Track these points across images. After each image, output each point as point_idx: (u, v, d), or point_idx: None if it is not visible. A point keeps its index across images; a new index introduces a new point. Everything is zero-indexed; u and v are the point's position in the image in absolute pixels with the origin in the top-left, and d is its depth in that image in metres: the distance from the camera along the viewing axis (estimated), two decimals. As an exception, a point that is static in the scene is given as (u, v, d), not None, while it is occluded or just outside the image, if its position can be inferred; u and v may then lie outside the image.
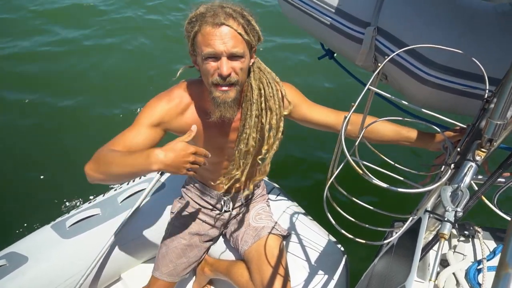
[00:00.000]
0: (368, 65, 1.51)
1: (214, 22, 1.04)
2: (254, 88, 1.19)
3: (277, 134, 1.25)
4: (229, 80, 1.09)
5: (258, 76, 1.21)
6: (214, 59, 1.07)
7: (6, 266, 1.49)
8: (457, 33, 1.21)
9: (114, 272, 1.72)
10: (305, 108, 1.33)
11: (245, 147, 1.26)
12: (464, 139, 0.93)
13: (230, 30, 1.05)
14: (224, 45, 1.05)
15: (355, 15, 1.41)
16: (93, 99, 3.43)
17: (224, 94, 1.11)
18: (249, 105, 1.21)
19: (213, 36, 1.04)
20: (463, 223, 1.20)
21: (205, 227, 1.57)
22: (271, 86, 1.22)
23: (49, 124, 3.16)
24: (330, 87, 3.73)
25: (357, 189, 1.07)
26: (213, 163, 1.38)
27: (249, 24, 1.10)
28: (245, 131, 1.23)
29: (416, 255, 0.65)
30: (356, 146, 1.06)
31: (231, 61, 1.07)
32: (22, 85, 3.52)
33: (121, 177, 1.09)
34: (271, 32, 4.31)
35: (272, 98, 1.22)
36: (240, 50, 1.07)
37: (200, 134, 1.27)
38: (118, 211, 1.72)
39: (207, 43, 1.05)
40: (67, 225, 1.65)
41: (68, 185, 2.67)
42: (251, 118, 1.21)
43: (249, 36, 1.09)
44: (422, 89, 1.30)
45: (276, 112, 1.23)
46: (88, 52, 4.00)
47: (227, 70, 1.06)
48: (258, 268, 1.39)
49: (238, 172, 1.31)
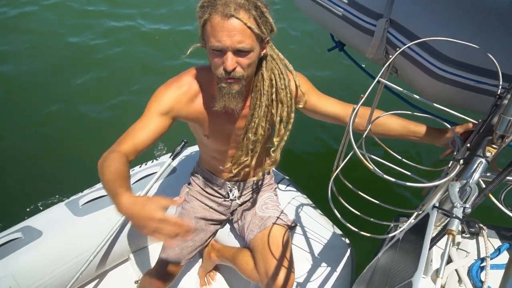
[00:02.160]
0: (378, 58, 1.44)
1: (223, 13, 0.96)
2: (265, 79, 1.13)
3: (288, 125, 1.21)
4: (234, 74, 1.04)
5: (271, 67, 1.15)
6: (220, 52, 1.01)
7: (21, 239, 1.50)
8: (471, 27, 1.14)
9: (123, 252, 1.71)
10: (314, 99, 1.28)
11: (253, 136, 1.22)
12: (474, 134, 0.87)
13: (239, 23, 0.97)
14: (230, 40, 0.98)
15: (367, 6, 1.34)
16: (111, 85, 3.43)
17: (228, 85, 1.07)
18: (259, 95, 1.16)
19: (220, 28, 0.97)
20: (468, 220, 1.15)
21: (211, 213, 1.55)
22: (283, 77, 1.16)
23: (67, 108, 3.16)
24: (339, 79, 3.64)
25: (363, 182, 1.02)
26: (220, 151, 1.34)
27: (262, 16, 1.02)
28: (253, 120, 1.19)
29: (423, 250, 0.61)
30: (363, 139, 1.01)
31: (237, 56, 1.01)
32: (52, 74, 3.53)
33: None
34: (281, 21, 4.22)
35: (284, 90, 1.16)
36: (246, 46, 1.00)
37: (208, 121, 1.23)
38: (129, 192, 1.71)
39: (214, 35, 0.99)
40: (80, 204, 1.65)
41: (83, 165, 2.67)
42: (260, 108, 1.17)
43: (260, 29, 1.02)
44: (433, 84, 1.24)
45: (287, 104, 1.18)
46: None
47: (231, 65, 1.01)
48: (263, 257, 1.37)
49: (248, 158, 1.28)
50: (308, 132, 3.00)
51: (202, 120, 1.23)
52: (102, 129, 2.96)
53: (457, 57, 1.15)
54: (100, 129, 2.95)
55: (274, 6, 1.07)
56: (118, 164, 1.01)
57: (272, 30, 1.07)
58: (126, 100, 3.28)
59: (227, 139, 1.29)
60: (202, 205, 1.54)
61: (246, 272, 1.43)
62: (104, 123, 3.02)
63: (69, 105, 3.17)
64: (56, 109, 3.13)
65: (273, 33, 1.08)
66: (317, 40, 4.14)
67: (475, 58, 1.13)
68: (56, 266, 1.50)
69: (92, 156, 2.91)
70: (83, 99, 3.24)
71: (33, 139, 2.86)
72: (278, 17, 1.07)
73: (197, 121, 1.24)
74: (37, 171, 2.64)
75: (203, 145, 1.40)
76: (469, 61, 1.14)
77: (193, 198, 1.54)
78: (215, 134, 1.28)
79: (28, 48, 3.77)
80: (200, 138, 1.35)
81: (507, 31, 1.12)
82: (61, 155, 2.75)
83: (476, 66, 1.14)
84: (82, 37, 4.00)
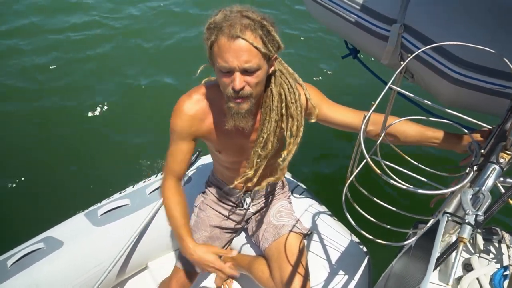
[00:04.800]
0: (393, 64, 1.47)
1: (230, 34, 1.01)
2: (274, 94, 1.17)
3: (296, 139, 1.24)
4: (242, 93, 1.08)
5: (280, 82, 1.19)
6: (228, 73, 1.06)
7: (43, 249, 1.59)
8: (487, 30, 1.16)
9: (141, 261, 1.78)
10: (325, 109, 1.30)
11: (261, 150, 1.26)
12: (489, 140, 0.89)
13: (246, 43, 1.01)
14: (237, 60, 1.02)
15: (381, 12, 1.38)
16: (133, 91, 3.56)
17: (237, 105, 1.11)
18: (268, 111, 1.19)
19: (227, 49, 1.02)
20: (489, 227, 1.16)
21: (226, 222, 1.60)
22: (293, 90, 1.19)
23: (86, 118, 3.31)
24: (353, 86, 3.66)
25: (380, 188, 1.05)
26: (232, 162, 1.40)
27: (268, 35, 1.06)
28: (262, 135, 1.23)
29: (432, 257, 0.63)
30: (378, 146, 1.04)
31: (244, 75, 1.06)
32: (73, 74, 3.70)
33: None
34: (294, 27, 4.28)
35: (294, 104, 1.19)
36: (253, 65, 1.04)
37: (220, 137, 1.29)
38: (146, 202, 1.78)
39: (221, 57, 1.04)
40: (98, 214, 1.73)
41: (101, 176, 2.80)
42: (269, 123, 1.20)
43: (267, 48, 1.05)
44: (449, 88, 1.26)
45: (297, 118, 1.21)
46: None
47: (240, 84, 1.05)
48: (278, 266, 1.40)
49: (251, 172, 1.31)
50: (322, 138, 3.02)
51: (214, 136, 1.29)
52: (120, 141, 3.07)
53: (473, 60, 1.17)
54: (118, 142, 3.07)
55: (283, 15, 1.12)
56: (180, 198, 1.34)
57: (279, 48, 1.10)
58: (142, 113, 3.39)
59: (239, 152, 1.34)
60: (217, 213, 1.59)
61: (262, 281, 1.46)
62: (122, 136, 3.13)
63: (90, 117, 3.32)
64: (75, 121, 3.27)
65: (281, 49, 1.12)
66: (331, 46, 4.17)
67: (491, 61, 1.14)
68: (77, 275, 1.58)
69: (109, 167, 3.04)
70: (103, 111, 3.37)
71: (52, 151, 3.01)
72: (289, 24, 1.11)
73: (209, 138, 1.31)
74: (56, 182, 2.77)
75: (216, 157, 1.46)
76: (485, 64, 1.16)
77: (207, 207, 1.60)
78: (227, 149, 1.34)
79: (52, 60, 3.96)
80: (213, 151, 1.41)
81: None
82: (80, 166, 2.88)
83: (494, 69, 1.15)
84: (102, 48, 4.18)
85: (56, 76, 3.73)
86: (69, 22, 4.53)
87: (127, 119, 3.31)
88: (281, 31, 1.11)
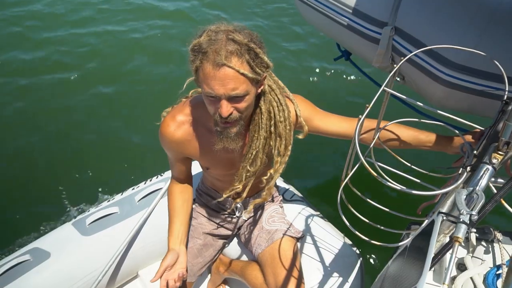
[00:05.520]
0: (385, 66, 1.51)
1: (215, 62, 0.97)
2: (263, 112, 1.16)
3: (284, 158, 1.24)
4: (230, 119, 1.07)
5: (269, 99, 1.17)
6: (214, 98, 1.04)
7: (30, 261, 1.56)
8: (476, 32, 1.20)
9: (131, 269, 1.77)
10: (317, 121, 1.31)
11: (250, 166, 1.25)
12: (481, 141, 0.92)
13: (232, 71, 0.98)
14: (223, 88, 1.00)
15: (372, 15, 1.41)
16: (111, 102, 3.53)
17: (226, 129, 1.11)
18: (257, 128, 1.18)
19: (212, 77, 0.99)
20: (482, 227, 1.19)
21: (219, 229, 1.61)
22: (283, 108, 1.18)
23: (73, 124, 3.26)
24: (345, 89, 3.71)
25: (373, 190, 1.08)
26: (223, 175, 1.41)
27: (256, 58, 1.02)
28: (251, 151, 1.23)
29: (428, 256, 0.65)
30: (372, 148, 1.07)
31: (232, 102, 1.04)
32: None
33: None
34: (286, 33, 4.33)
35: (282, 123, 1.19)
36: (241, 92, 1.01)
37: (207, 154, 1.28)
38: (135, 209, 1.77)
39: (207, 84, 1.01)
40: (87, 223, 1.71)
41: (88, 184, 2.77)
42: (258, 140, 1.20)
43: (255, 72, 1.02)
44: (440, 90, 1.29)
45: (285, 137, 1.21)
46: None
47: (226, 112, 1.03)
48: (272, 271, 1.41)
49: (240, 186, 1.31)
50: (313, 142, 3.05)
51: (202, 155, 1.30)
52: (106, 148, 3.04)
53: (464, 63, 1.21)
54: (104, 149, 3.04)
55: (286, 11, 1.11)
56: (177, 200, 1.43)
57: (267, 67, 1.07)
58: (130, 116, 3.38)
59: (228, 166, 1.34)
60: (209, 221, 1.60)
61: (256, 287, 1.47)
62: (108, 143, 3.10)
63: (74, 124, 3.27)
64: (60, 129, 3.23)
65: (270, 68, 1.09)
66: (323, 48, 4.23)
67: (481, 63, 1.18)
68: (65, 286, 1.56)
69: (96, 175, 3.01)
70: (87, 117, 3.34)
71: (36, 161, 2.96)
72: (282, 26, 1.11)
73: (196, 157, 1.32)
74: (42, 192, 2.73)
75: (205, 170, 1.47)
76: (475, 66, 1.20)
77: (199, 214, 1.61)
78: (216, 165, 1.35)
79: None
80: (201, 166, 1.43)
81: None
82: (66, 175, 2.84)
83: (483, 71, 1.19)
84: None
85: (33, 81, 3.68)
86: (74, 18, 4.60)
87: (113, 122, 3.29)
88: (273, 32, 1.10)
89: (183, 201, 1.43)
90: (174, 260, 1.31)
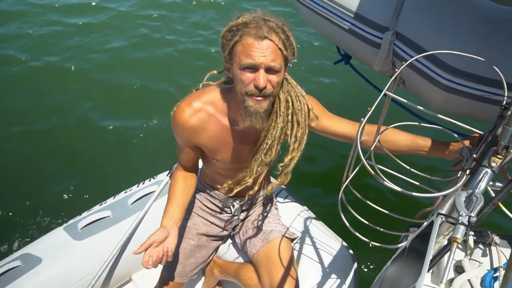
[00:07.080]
0: (385, 70, 1.56)
1: (257, 35, 1.09)
2: (281, 100, 1.25)
3: (300, 146, 1.31)
4: (265, 92, 1.14)
5: (287, 89, 1.27)
6: (251, 70, 1.12)
7: (21, 267, 1.57)
8: (477, 39, 1.25)
9: (125, 273, 1.79)
10: (325, 121, 1.39)
11: (264, 157, 1.31)
12: (480, 145, 0.98)
13: (272, 44, 1.10)
14: (264, 58, 1.10)
15: (373, 20, 1.47)
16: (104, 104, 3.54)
17: (257, 104, 1.16)
18: (275, 117, 1.25)
19: (254, 48, 1.10)
20: (480, 230, 1.24)
21: (213, 229, 1.64)
22: (299, 99, 1.28)
23: (63, 128, 3.27)
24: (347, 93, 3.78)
25: (372, 195, 1.12)
26: (227, 169, 1.45)
27: (288, 40, 1.15)
28: (266, 141, 1.29)
29: (427, 257, 0.69)
30: (372, 150, 1.11)
31: (268, 74, 1.13)
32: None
33: None
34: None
35: (300, 111, 1.28)
36: (277, 65, 1.12)
37: (219, 145, 1.34)
38: (128, 213, 1.80)
39: (247, 54, 1.10)
40: (79, 227, 1.73)
41: (80, 187, 2.78)
42: (275, 129, 1.27)
43: (287, 52, 1.15)
44: (440, 94, 1.35)
45: (302, 125, 1.29)
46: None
47: (264, 82, 1.12)
48: (267, 271, 1.45)
49: (250, 180, 1.36)
50: (313, 145, 3.11)
51: (213, 144, 1.34)
52: (98, 152, 3.06)
53: (463, 68, 1.27)
54: (96, 152, 3.05)
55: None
56: (179, 185, 1.43)
57: (294, 54, 1.19)
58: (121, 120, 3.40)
59: (237, 158, 1.39)
60: (204, 221, 1.63)
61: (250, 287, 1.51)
62: (100, 146, 3.11)
63: (65, 128, 3.28)
64: (51, 133, 3.23)
65: (295, 56, 1.20)
66: (324, 52, 4.30)
67: (481, 68, 1.24)
68: None
69: (88, 179, 2.99)
70: (78, 121, 3.35)
71: (26, 164, 2.96)
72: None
73: (207, 145, 1.35)
74: (32, 196, 2.72)
75: (209, 163, 1.50)
76: (475, 72, 1.26)
77: (194, 214, 1.63)
78: (225, 156, 1.39)
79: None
80: (207, 158, 1.46)
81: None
82: (57, 178, 2.84)
83: (483, 76, 1.25)
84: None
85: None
86: (79, 22, 4.61)
87: (104, 125, 3.30)
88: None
89: (185, 187, 1.43)
90: (163, 237, 1.28)
